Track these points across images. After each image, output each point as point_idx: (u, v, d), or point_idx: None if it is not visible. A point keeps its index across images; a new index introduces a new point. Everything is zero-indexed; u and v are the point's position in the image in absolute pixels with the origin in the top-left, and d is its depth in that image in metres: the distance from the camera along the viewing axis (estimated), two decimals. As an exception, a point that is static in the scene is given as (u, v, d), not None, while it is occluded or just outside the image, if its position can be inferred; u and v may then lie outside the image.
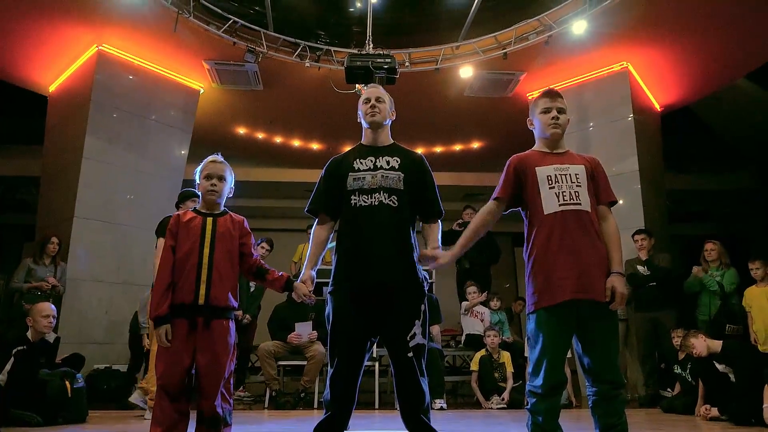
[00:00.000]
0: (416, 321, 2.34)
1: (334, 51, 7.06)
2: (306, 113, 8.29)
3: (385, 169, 2.47)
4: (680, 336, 5.05)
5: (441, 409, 5.16)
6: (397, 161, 2.50)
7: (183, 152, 7.34)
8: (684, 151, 9.52)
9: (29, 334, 4.16)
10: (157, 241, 4.67)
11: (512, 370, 5.58)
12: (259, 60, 6.68)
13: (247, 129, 8.93)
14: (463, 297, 6.59)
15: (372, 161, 2.50)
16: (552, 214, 2.23)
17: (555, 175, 2.28)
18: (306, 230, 6.60)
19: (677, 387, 5.19)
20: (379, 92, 2.65)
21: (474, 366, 5.67)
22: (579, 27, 6.20)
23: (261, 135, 9.09)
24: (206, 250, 2.56)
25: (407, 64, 7.02)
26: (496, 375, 5.57)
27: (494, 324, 6.17)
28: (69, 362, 4.75)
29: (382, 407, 5.28)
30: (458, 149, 9.47)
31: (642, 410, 5.34)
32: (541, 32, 6.57)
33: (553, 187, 2.26)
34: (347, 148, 2.69)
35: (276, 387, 5.40)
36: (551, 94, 2.42)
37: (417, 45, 7.17)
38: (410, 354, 2.31)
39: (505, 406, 5.32)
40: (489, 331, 5.71)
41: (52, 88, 7.39)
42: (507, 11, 7.06)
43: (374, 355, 5.30)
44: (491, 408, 5.35)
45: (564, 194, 2.25)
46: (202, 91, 7.58)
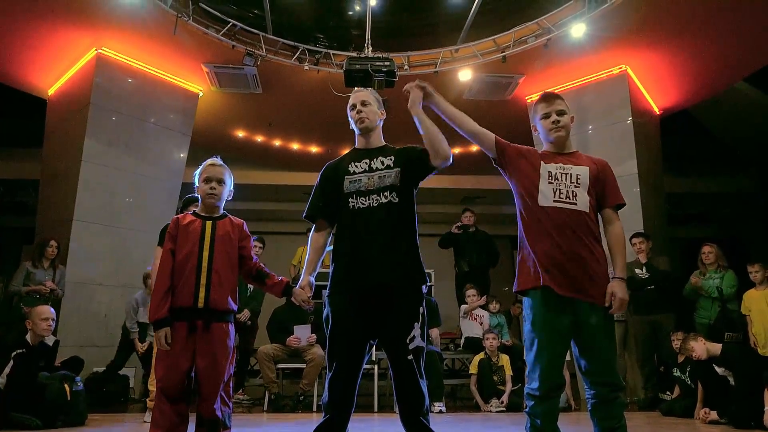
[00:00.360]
0: (415, 323, 2.33)
1: (333, 54, 7.07)
2: (305, 116, 8.29)
3: (381, 170, 2.47)
4: (680, 339, 5.05)
5: (440, 413, 5.15)
6: (392, 159, 2.50)
7: (182, 155, 7.34)
8: (683, 154, 9.54)
9: (29, 337, 4.15)
10: (155, 251, 4.69)
11: (511, 373, 5.58)
12: (258, 63, 6.69)
13: (246, 132, 8.94)
14: (462, 300, 6.59)
15: (367, 163, 2.50)
16: (545, 207, 2.26)
17: (556, 173, 2.32)
18: (306, 233, 6.61)
19: (676, 390, 5.18)
20: (364, 96, 2.63)
21: (473, 369, 5.66)
22: (578, 30, 6.21)
23: (260, 138, 9.10)
24: (206, 253, 2.56)
25: (406, 67, 7.02)
26: (495, 378, 5.57)
27: (493, 327, 6.17)
28: (68, 365, 4.74)
29: (381, 410, 5.28)
30: (457, 152, 9.44)
31: (641, 413, 5.33)
32: (540, 35, 6.58)
33: (552, 183, 2.30)
34: (346, 151, 2.69)
35: (275, 390, 5.40)
36: (548, 98, 2.43)
37: (416, 48, 7.18)
38: (410, 356, 2.30)
39: (504, 410, 5.31)
40: (488, 334, 5.71)
41: (52, 91, 7.40)
42: (506, 14, 7.08)
43: (373, 358, 5.30)
44: (490, 411, 5.35)
45: (561, 192, 2.28)
46: (201, 94, 7.58)
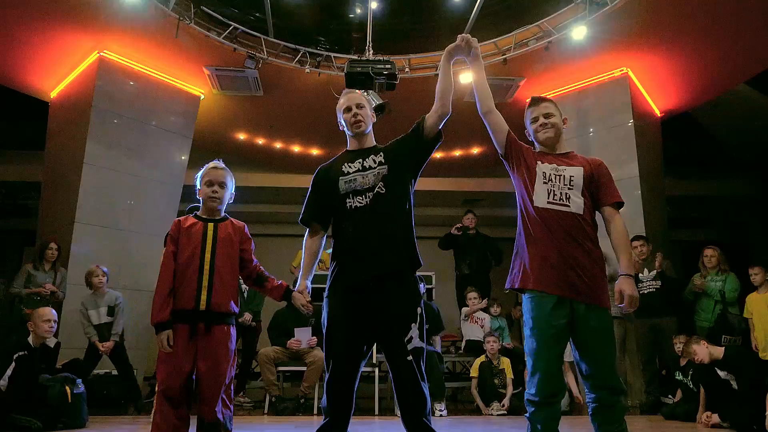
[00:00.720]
0: (412, 324, 2.33)
1: (334, 57, 7.08)
2: (306, 119, 8.30)
3: (374, 167, 2.49)
4: (682, 342, 5.04)
5: (441, 416, 5.15)
6: (382, 156, 2.53)
7: (183, 158, 7.35)
8: (684, 157, 9.52)
9: (30, 339, 4.16)
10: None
11: (512, 377, 5.57)
12: (260, 66, 6.70)
13: (248, 135, 8.95)
14: (463, 303, 6.58)
15: (360, 163, 2.52)
16: (539, 208, 2.31)
17: (550, 174, 2.35)
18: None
19: (678, 393, 5.17)
20: (359, 98, 2.63)
21: (474, 372, 5.66)
22: (579, 33, 6.22)
23: (261, 141, 9.11)
24: (207, 256, 2.56)
25: (407, 70, 7.04)
26: (496, 381, 5.56)
27: (494, 330, 6.17)
28: (69, 368, 4.75)
29: (382, 413, 5.27)
30: (458, 155, 9.47)
31: (643, 417, 5.32)
32: (541, 38, 6.59)
33: (546, 184, 2.33)
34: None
35: (276, 393, 5.39)
36: (535, 101, 2.51)
37: (417, 51, 7.19)
38: (409, 357, 2.29)
39: (505, 413, 5.31)
40: (489, 337, 5.70)
41: (54, 94, 7.41)
42: (507, 17, 7.08)
43: (374, 361, 5.29)
44: (491, 414, 5.34)
45: (554, 193, 2.31)
46: (203, 97, 7.60)
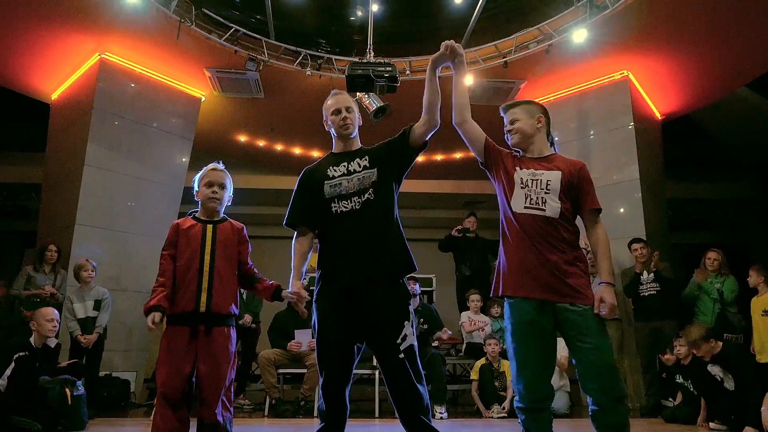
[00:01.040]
0: (405, 322, 2.32)
1: (335, 59, 7.09)
2: (307, 121, 8.27)
3: (359, 171, 2.48)
4: (682, 346, 5.04)
5: (441, 419, 5.14)
6: (367, 159, 2.52)
7: (184, 160, 7.36)
8: (684, 160, 9.53)
9: (32, 340, 4.17)
10: None
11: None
12: (261, 68, 6.71)
13: (248, 137, 8.95)
14: (464, 304, 6.58)
15: (345, 166, 2.51)
16: (516, 213, 2.32)
17: (527, 179, 2.35)
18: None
19: (679, 396, 5.16)
20: (347, 101, 2.62)
21: (474, 375, 5.65)
22: (579, 36, 6.22)
23: (262, 143, 9.11)
24: (207, 258, 2.56)
25: (408, 73, 7.04)
26: (497, 384, 5.55)
27: (495, 331, 6.16)
28: (68, 370, 4.74)
29: (383, 416, 5.26)
30: (459, 157, 9.47)
31: (644, 420, 5.31)
32: (542, 41, 6.59)
33: (524, 189, 2.34)
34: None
35: (276, 395, 5.39)
36: (503, 109, 2.53)
37: (418, 53, 7.19)
38: (401, 355, 2.28)
39: (506, 415, 5.30)
40: (489, 340, 5.69)
41: (55, 96, 7.42)
42: (507, 20, 7.10)
43: (374, 363, 5.28)
44: (492, 417, 5.33)
45: (531, 198, 2.31)
46: (204, 99, 7.60)
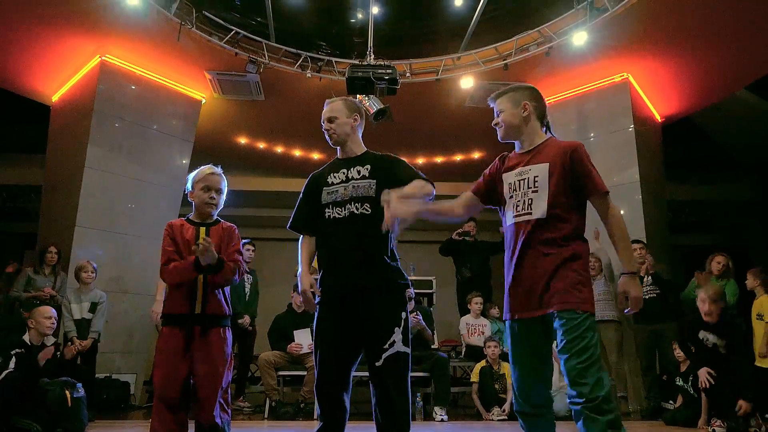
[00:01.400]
0: (395, 328, 2.29)
1: (336, 62, 7.10)
2: (307, 123, 8.25)
3: (356, 179, 2.44)
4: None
5: (442, 421, 5.14)
6: (368, 169, 2.47)
7: (184, 162, 7.36)
8: (685, 162, 9.53)
9: (28, 338, 4.18)
10: None
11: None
12: (261, 70, 6.71)
13: (249, 139, 8.95)
14: (464, 307, 6.57)
15: (344, 173, 2.48)
16: (509, 226, 2.16)
17: (515, 182, 2.16)
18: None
19: (679, 399, 5.15)
20: (330, 110, 2.53)
21: (474, 377, 5.64)
22: (579, 38, 6.23)
23: (262, 145, 9.11)
24: (202, 260, 2.52)
25: (408, 75, 7.04)
26: (497, 386, 5.54)
27: (494, 334, 6.15)
28: (69, 371, 4.73)
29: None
30: (459, 159, 9.48)
31: (644, 422, 5.31)
32: (542, 43, 6.60)
33: (512, 197, 2.15)
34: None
35: (276, 397, 5.38)
36: (491, 101, 2.30)
37: (418, 56, 7.21)
38: (379, 362, 2.24)
39: (506, 418, 5.29)
40: (489, 342, 5.69)
41: (55, 98, 7.43)
42: (508, 22, 7.11)
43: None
44: (492, 420, 5.32)
45: (518, 205, 2.13)
46: (204, 101, 7.61)
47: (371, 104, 6.23)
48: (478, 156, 9.36)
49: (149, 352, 6.56)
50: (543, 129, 2.26)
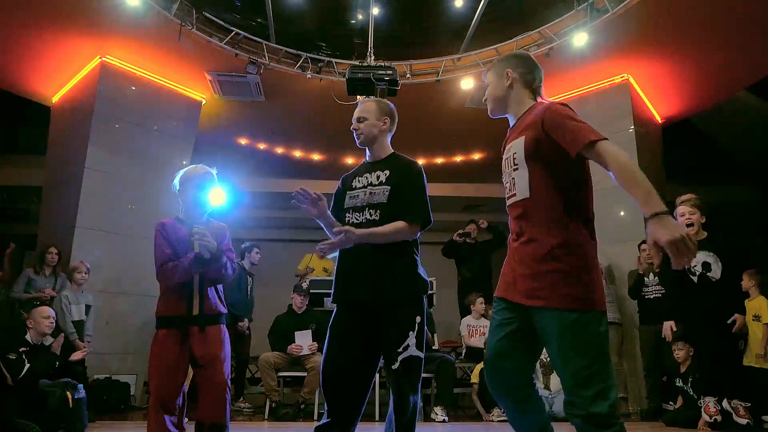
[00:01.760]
0: (410, 332, 2.30)
1: (336, 63, 7.10)
2: (307, 124, 8.32)
3: (374, 185, 2.44)
4: (680, 349, 5.03)
5: (444, 421, 5.14)
6: (386, 174, 2.45)
7: (185, 162, 7.35)
8: (685, 163, 9.52)
9: (29, 337, 4.19)
10: None
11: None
12: (261, 71, 6.72)
13: (249, 140, 8.95)
14: (464, 308, 6.56)
15: (367, 178, 2.48)
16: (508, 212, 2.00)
17: (503, 162, 1.97)
18: (309, 241, 6.58)
19: (679, 400, 5.15)
20: (361, 110, 2.54)
21: (475, 378, 5.64)
22: (580, 39, 6.23)
23: (262, 146, 9.11)
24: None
25: (408, 76, 7.05)
26: (497, 387, 5.53)
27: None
28: (68, 372, 4.73)
29: (382, 419, 5.25)
30: (459, 160, 9.48)
31: (645, 423, 5.31)
32: (542, 44, 6.60)
33: (504, 179, 1.99)
34: (348, 160, 2.70)
35: (276, 398, 5.38)
36: (483, 77, 2.18)
37: (418, 57, 7.21)
38: (395, 365, 2.26)
39: (506, 419, 5.28)
40: (490, 343, 5.68)
41: (56, 99, 7.43)
42: (508, 23, 7.10)
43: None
44: (492, 420, 5.32)
45: (507, 186, 1.95)
46: (204, 102, 7.61)
47: (384, 107, 6.23)
48: (479, 157, 9.36)
49: (149, 354, 6.56)
50: (534, 97, 2.04)
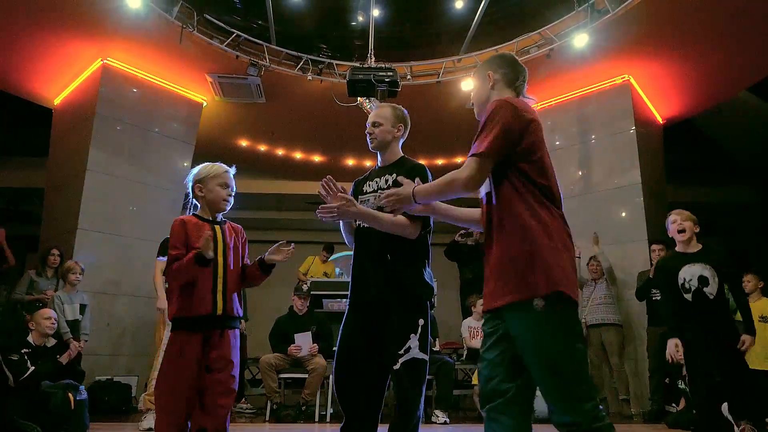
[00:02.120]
0: (412, 335, 2.31)
1: (336, 64, 7.11)
2: (308, 126, 8.32)
3: (383, 189, 2.45)
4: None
5: (445, 423, 5.13)
6: (394, 178, 2.46)
7: (186, 164, 7.37)
8: (686, 164, 9.52)
9: (31, 339, 4.19)
10: (156, 263, 4.68)
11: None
12: (262, 73, 6.73)
13: (250, 141, 8.96)
14: (466, 309, 6.56)
15: (377, 182, 2.52)
16: None
17: None
18: (310, 243, 6.56)
19: (682, 402, 5.14)
20: (376, 115, 2.56)
21: (476, 380, 5.63)
22: (580, 40, 6.23)
23: (263, 147, 9.12)
24: (220, 259, 2.47)
25: (409, 77, 7.06)
26: (499, 388, 5.52)
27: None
28: (69, 373, 4.73)
29: (383, 420, 5.24)
30: (460, 161, 9.45)
31: (647, 426, 5.29)
32: (543, 45, 6.60)
33: None
34: (349, 161, 2.71)
35: (277, 400, 5.38)
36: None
37: (419, 58, 7.21)
38: (397, 366, 2.27)
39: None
40: (491, 345, 5.67)
41: (57, 101, 7.45)
42: (508, 25, 7.11)
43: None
44: (494, 422, 5.31)
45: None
46: (205, 104, 7.62)
47: (372, 107, 6.24)
48: (479, 158, 9.36)
49: (149, 355, 6.56)
50: (516, 96, 1.96)
